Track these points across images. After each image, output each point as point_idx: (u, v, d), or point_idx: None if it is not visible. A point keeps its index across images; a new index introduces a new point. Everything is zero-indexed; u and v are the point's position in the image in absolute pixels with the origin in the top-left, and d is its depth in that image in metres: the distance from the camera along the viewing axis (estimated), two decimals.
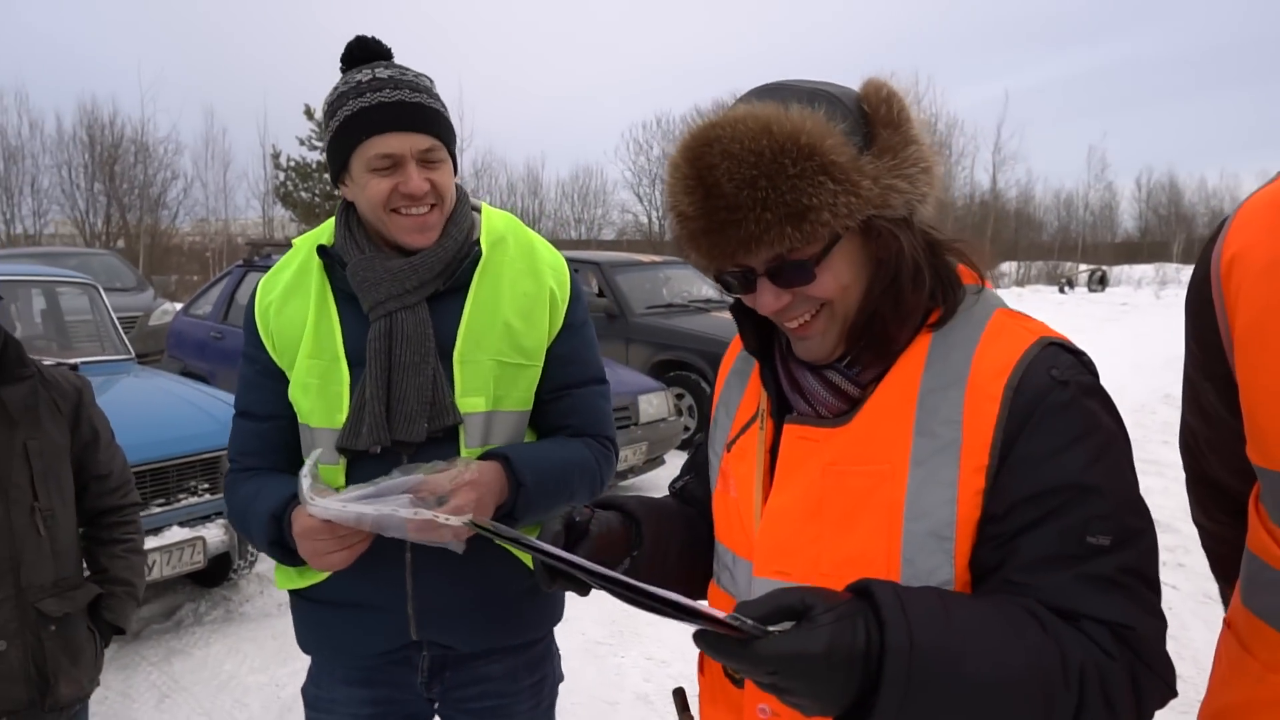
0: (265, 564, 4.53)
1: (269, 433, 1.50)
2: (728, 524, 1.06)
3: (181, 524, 3.73)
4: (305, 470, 1.26)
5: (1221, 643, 1.10)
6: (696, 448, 1.25)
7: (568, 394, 1.52)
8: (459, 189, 1.50)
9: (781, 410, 1.01)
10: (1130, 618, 0.82)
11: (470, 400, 1.40)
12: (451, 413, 1.38)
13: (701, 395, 7.23)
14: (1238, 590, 1.07)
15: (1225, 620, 1.11)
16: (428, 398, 1.37)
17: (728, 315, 8.20)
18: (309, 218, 26.06)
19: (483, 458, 1.37)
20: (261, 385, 1.50)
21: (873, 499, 0.89)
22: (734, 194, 0.85)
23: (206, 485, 3.87)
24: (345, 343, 1.43)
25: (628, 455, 5.74)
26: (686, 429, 7.02)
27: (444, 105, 1.44)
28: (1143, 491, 0.89)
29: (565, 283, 1.52)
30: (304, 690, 1.60)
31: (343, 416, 1.40)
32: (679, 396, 7.14)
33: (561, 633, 1.65)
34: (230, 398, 4.19)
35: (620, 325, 7.75)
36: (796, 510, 0.94)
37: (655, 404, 6.04)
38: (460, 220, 1.46)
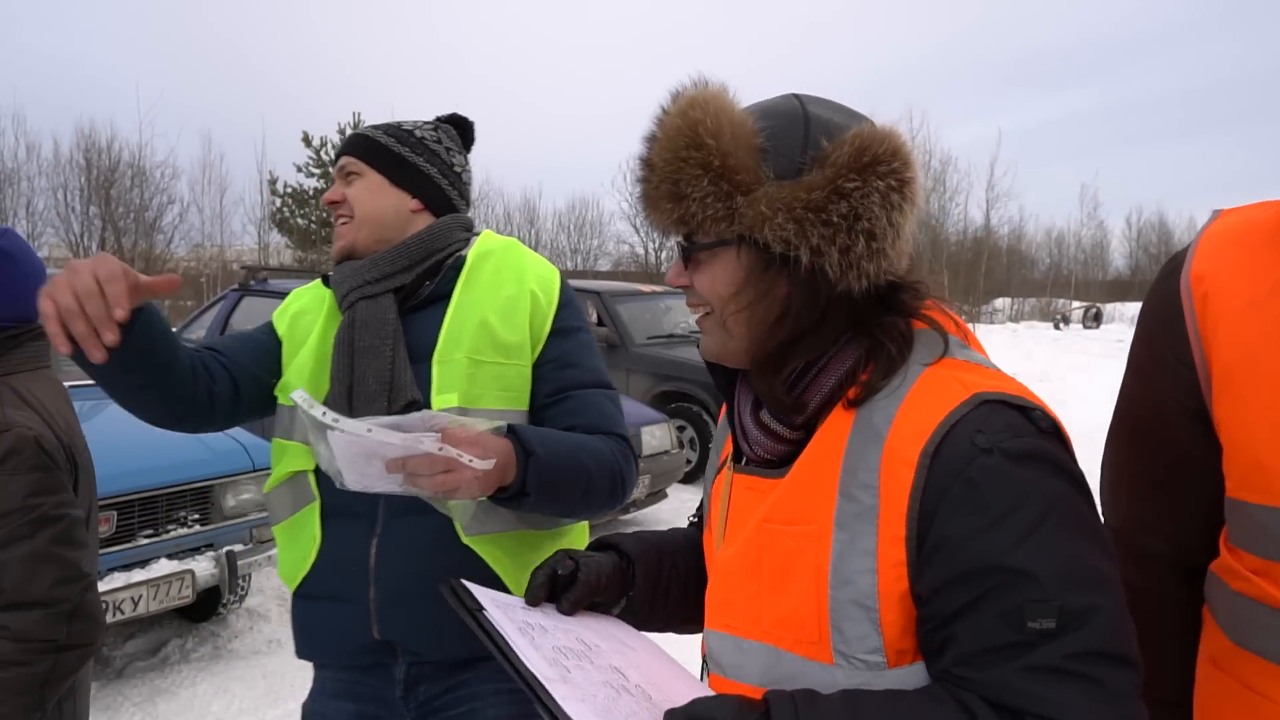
0: (255, 598, 4.37)
1: (205, 355, 1.44)
2: (707, 564, 1.06)
3: (170, 556, 3.58)
4: (304, 400, 1.13)
5: (1209, 688, 1.04)
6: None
7: (570, 395, 1.45)
8: (458, 218, 1.55)
9: (738, 455, 0.98)
10: (1080, 713, 0.72)
11: (443, 397, 1.38)
12: (409, 389, 1.38)
13: (703, 427, 7.12)
14: (1217, 633, 1.01)
15: (1211, 664, 1.03)
16: (386, 379, 1.39)
17: None
18: (305, 244, 26.05)
19: None
20: (246, 338, 1.56)
21: (801, 561, 0.85)
22: (653, 159, 0.90)
23: (197, 516, 3.71)
24: None
25: None
26: (689, 461, 6.89)
27: (404, 144, 1.51)
28: None
29: (551, 289, 1.50)
30: (303, 705, 1.55)
31: None
32: (680, 428, 7.02)
33: None
34: None
35: (620, 355, 7.63)
36: (740, 564, 0.91)
37: (658, 436, 5.92)
38: (435, 230, 1.50)
